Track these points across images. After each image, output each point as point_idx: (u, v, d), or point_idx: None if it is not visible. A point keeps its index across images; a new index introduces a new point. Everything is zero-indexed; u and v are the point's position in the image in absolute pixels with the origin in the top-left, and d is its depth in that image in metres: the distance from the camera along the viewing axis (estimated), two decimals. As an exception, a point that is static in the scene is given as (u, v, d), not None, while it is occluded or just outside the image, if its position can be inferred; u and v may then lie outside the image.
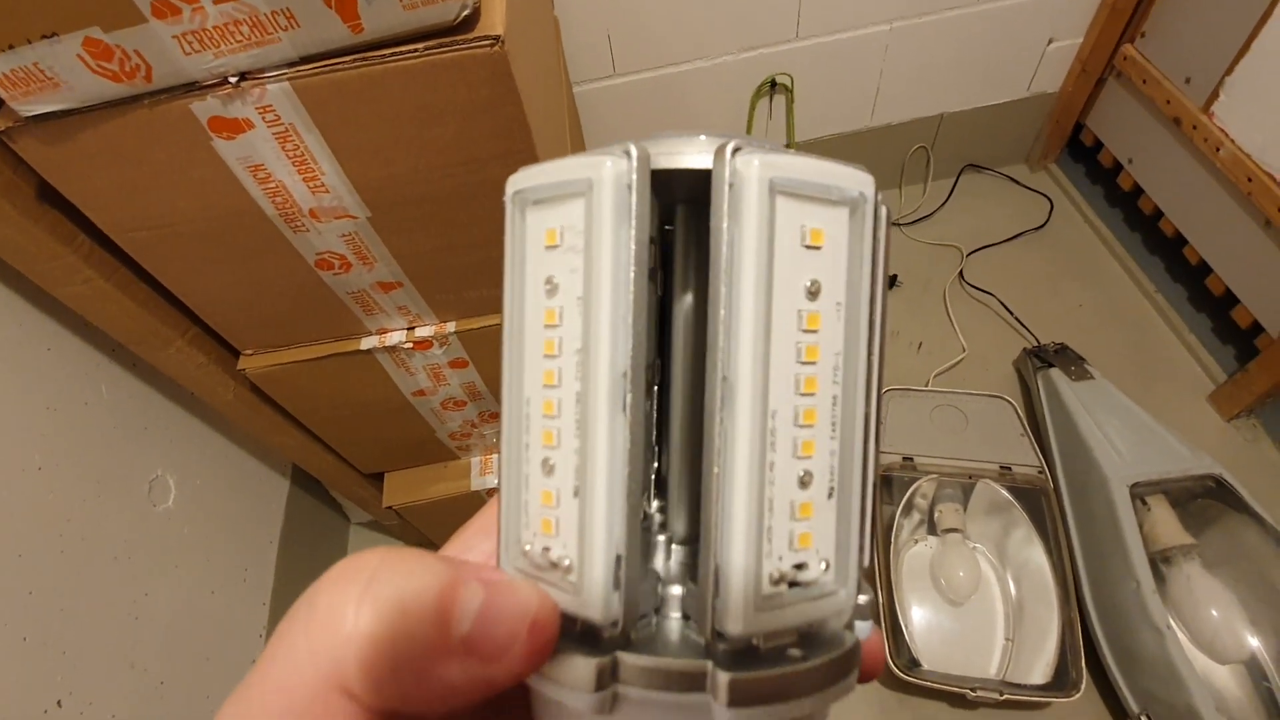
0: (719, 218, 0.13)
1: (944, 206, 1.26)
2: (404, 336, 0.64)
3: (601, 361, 0.13)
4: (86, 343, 0.64)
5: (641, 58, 0.98)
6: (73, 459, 0.60)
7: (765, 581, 0.13)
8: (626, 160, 0.13)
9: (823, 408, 0.13)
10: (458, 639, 0.12)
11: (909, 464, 0.87)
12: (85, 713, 0.56)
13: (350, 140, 0.46)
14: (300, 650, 0.13)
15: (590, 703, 0.13)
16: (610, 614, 0.13)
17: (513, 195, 0.14)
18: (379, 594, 0.13)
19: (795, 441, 0.13)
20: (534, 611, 0.13)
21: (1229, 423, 0.97)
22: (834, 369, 0.13)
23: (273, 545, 0.84)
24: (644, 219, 0.13)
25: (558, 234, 0.13)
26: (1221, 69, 0.89)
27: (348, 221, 0.52)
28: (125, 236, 0.51)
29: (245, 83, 0.41)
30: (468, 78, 0.43)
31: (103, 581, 0.61)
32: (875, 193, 0.14)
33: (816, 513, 0.13)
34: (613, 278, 0.13)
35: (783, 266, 0.13)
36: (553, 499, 0.14)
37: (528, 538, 0.14)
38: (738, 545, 0.13)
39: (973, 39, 1.06)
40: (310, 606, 0.13)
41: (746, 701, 0.12)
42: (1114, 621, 0.77)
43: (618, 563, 0.13)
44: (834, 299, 0.13)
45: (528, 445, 0.14)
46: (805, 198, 0.13)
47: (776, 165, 0.12)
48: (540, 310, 0.14)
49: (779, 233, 0.13)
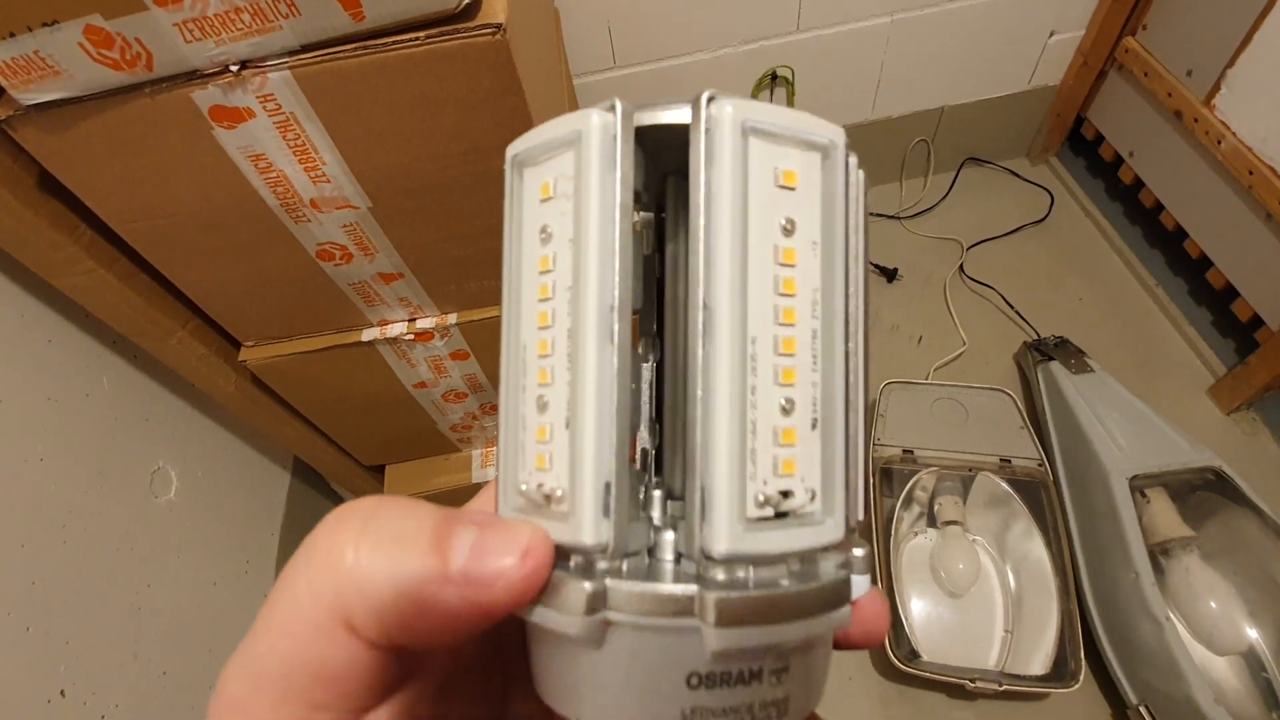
0: (696, 160, 0.13)
1: (944, 200, 1.25)
2: (405, 328, 0.64)
3: (590, 296, 0.13)
4: (88, 334, 0.63)
5: (642, 50, 0.98)
6: (74, 450, 0.61)
7: (750, 503, 0.13)
8: (612, 113, 0.14)
9: (802, 339, 0.14)
10: (455, 570, 0.13)
11: (909, 456, 0.87)
12: (88, 703, 0.57)
13: (351, 129, 0.46)
14: (302, 590, 0.13)
15: (583, 626, 0.13)
16: (600, 539, 0.13)
17: (511, 159, 0.15)
18: (377, 530, 0.13)
19: (776, 369, 0.14)
20: (526, 540, 0.13)
21: (1229, 416, 0.97)
22: (812, 304, 0.14)
23: (274, 538, 0.84)
24: (629, 166, 0.14)
25: (551, 186, 0.14)
26: (1223, 61, 0.89)
27: (349, 212, 0.52)
28: (126, 226, 0.51)
29: (246, 71, 0.41)
30: (469, 67, 0.43)
31: (105, 572, 0.61)
32: (846, 143, 0.15)
33: (800, 441, 0.14)
34: (600, 218, 0.13)
35: (758, 202, 0.14)
36: (546, 434, 0.14)
37: (524, 477, 0.14)
38: (721, 465, 0.13)
39: (974, 31, 1.05)
40: (309, 548, 0.13)
41: (733, 621, 0.12)
42: (1113, 613, 0.77)
43: (607, 489, 0.13)
44: (809, 238, 0.14)
45: (524, 388, 0.15)
46: (777, 139, 0.14)
47: (749, 109, 0.13)
48: (536, 258, 0.15)
49: (753, 170, 0.13)
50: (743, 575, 0.13)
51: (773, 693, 0.14)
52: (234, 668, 0.13)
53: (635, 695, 0.13)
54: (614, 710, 0.14)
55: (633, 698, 0.13)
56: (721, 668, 0.13)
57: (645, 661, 0.13)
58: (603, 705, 0.14)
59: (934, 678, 0.75)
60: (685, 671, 0.13)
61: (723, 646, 0.12)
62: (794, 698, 0.14)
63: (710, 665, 0.13)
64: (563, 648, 0.14)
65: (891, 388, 0.94)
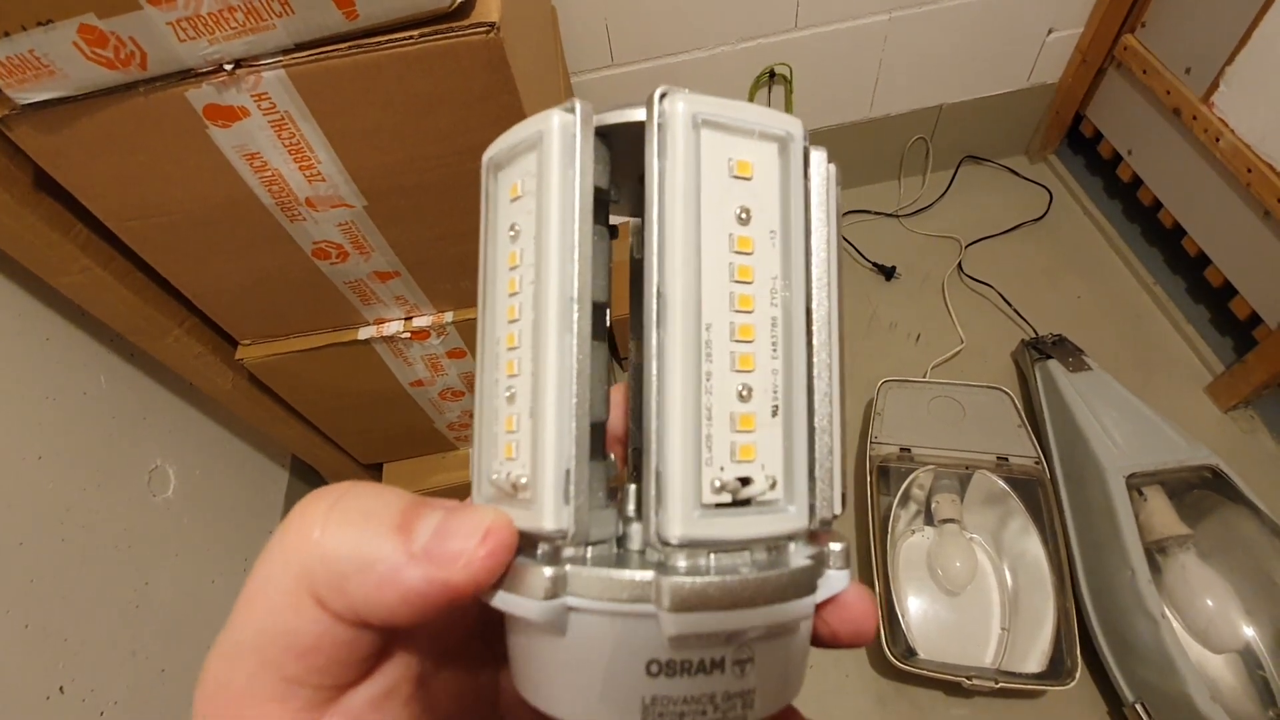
0: (650, 153, 0.14)
1: (943, 198, 1.25)
2: (401, 326, 0.64)
3: (551, 288, 0.14)
4: (85, 332, 0.64)
5: (639, 47, 0.98)
6: (72, 448, 0.61)
7: (706, 488, 0.13)
8: (571, 113, 0.14)
9: (761, 325, 0.14)
10: (418, 548, 0.13)
11: (906, 455, 0.87)
12: (87, 699, 0.57)
13: (346, 128, 0.46)
14: (275, 563, 0.13)
15: (542, 611, 0.13)
16: (560, 524, 0.13)
17: (487, 163, 0.16)
18: (345, 508, 0.14)
19: (733, 355, 0.14)
20: (487, 523, 0.14)
21: (1226, 414, 0.97)
22: (770, 292, 0.14)
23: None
24: (588, 163, 0.14)
25: (519, 185, 0.15)
26: (1222, 59, 0.89)
27: (344, 210, 0.52)
28: (122, 225, 0.51)
29: (240, 70, 0.41)
30: (463, 65, 0.43)
31: (103, 570, 0.61)
32: (804, 135, 0.15)
33: (759, 428, 0.14)
34: (560, 212, 0.14)
35: (711, 191, 0.14)
36: (514, 424, 0.14)
37: (495, 467, 0.15)
38: (675, 450, 0.13)
39: (972, 29, 1.05)
40: (283, 528, 0.14)
41: (688, 606, 0.12)
42: (1109, 611, 0.77)
43: (567, 476, 0.13)
44: (767, 227, 0.14)
45: (496, 381, 0.15)
46: (731, 130, 0.14)
47: (700, 103, 0.14)
48: (506, 255, 0.15)
49: (705, 160, 0.14)
50: (704, 562, 0.13)
51: (737, 684, 0.14)
52: (214, 650, 0.14)
53: (596, 682, 0.13)
54: (577, 698, 0.14)
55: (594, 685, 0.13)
56: (681, 655, 0.13)
57: (605, 648, 0.13)
58: (565, 693, 0.14)
59: (931, 675, 0.75)
60: (645, 659, 0.13)
61: (677, 631, 0.12)
62: (761, 691, 0.14)
63: (669, 652, 0.13)
64: (529, 636, 0.14)
65: (889, 386, 0.94)
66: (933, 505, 0.88)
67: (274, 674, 0.13)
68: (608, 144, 0.15)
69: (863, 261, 1.19)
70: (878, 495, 0.86)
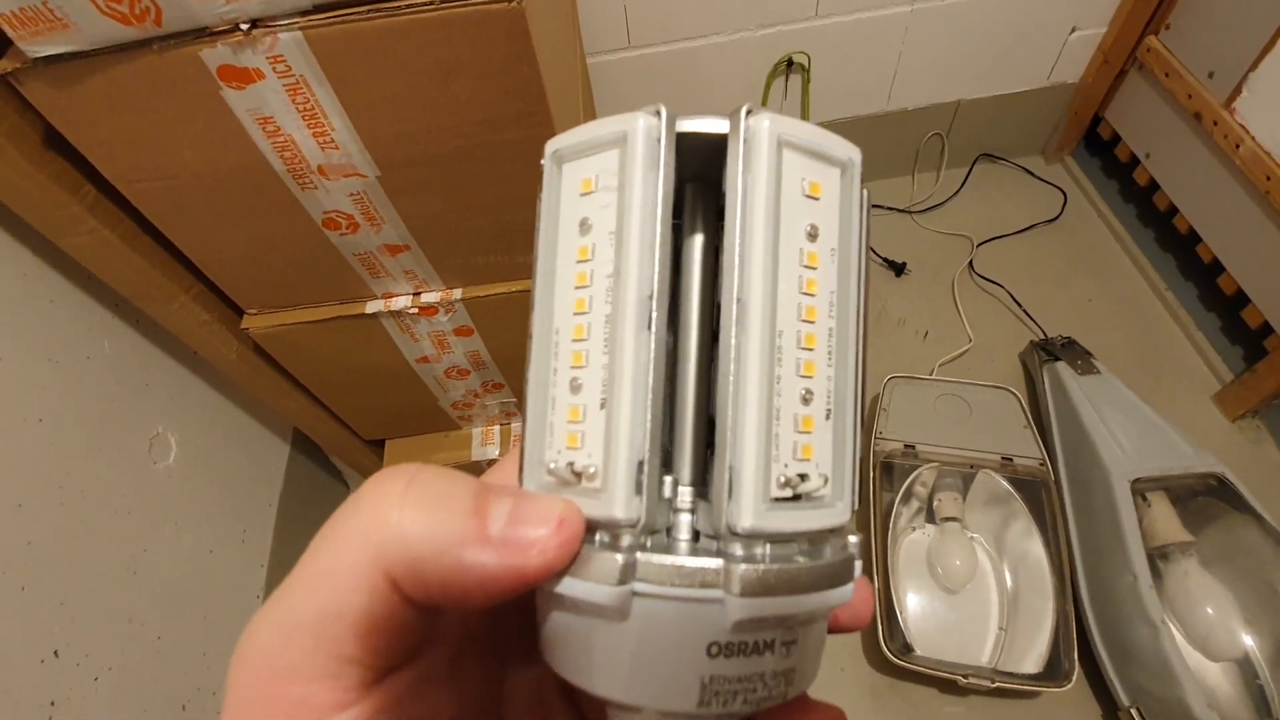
0: (735, 167, 0.15)
1: (956, 195, 1.24)
2: (409, 301, 0.64)
3: (630, 285, 0.14)
4: (90, 296, 0.63)
5: (657, 30, 0.96)
6: (74, 413, 0.60)
7: (773, 484, 0.14)
8: (657, 117, 0.15)
9: (821, 335, 0.15)
10: (494, 534, 0.13)
11: (910, 451, 0.87)
12: (81, 664, 0.57)
13: (362, 95, 0.45)
14: (348, 538, 0.14)
15: (614, 596, 0.14)
16: (631, 513, 0.14)
17: (551, 154, 0.16)
18: (420, 489, 0.14)
19: (798, 361, 0.15)
20: (560, 511, 0.14)
21: (1234, 423, 0.96)
22: (829, 304, 0.15)
23: (272, 509, 0.84)
24: (670, 167, 0.15)
25: (593, 181, 0.15)
26: (1246, 64, 0.87)
27: (357, 180, 0.51)
28: (131, 187, 0.50)
29: (256, 30, 0.41)
30: (484, 34, 0.42)
31: (102, 535, 0.61)
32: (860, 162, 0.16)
33: (816, 429, 0.15)
34: (642, 214, 0.15)
35: (788, 209, 0.15)
36: (580, 414, 0.15)
37: (551, 456, 0.15)
38: (749, 446, 0.14)
39: (994, 24, 1.04)
40: (356, 502, 0.14)
41: (756, 592, 0.13)
42: (1109, 615, 0.77)
43: (640, 467, 0.14)
44: (829, 245, 0.15)
45: (555, 370, 0.16)
46: (806, 154, 0.15)
47: (784, 124, 0.15)
48: (573, 248, 0.16)
49: (785, 180, 0.15)
50: (760, 552, 0.14)
51: (783, 663, 0.15)
52: (265, 617, 0.14)
53: (658, 664, 0.14)
54: (636, 679, 0.14)
55: (656, 667, 0.14)
56: (740, 638, 0.14)
57: (669, 632, 0.14)
58: (623, 675, 0.14)
59: (926, 672, 0.75)
60: (706, 641, 0.14)
61: (745, 616, 0.13)
62: (799, 670, 0.15)
63: (730, 635, 0.14)
64: (583, 620, 0.15)
65: (895, 382, 0.94)
66: (935, 503, 0.88)
67: (331, 652, 0.13)
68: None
69: (874, 256, 1.18)
70: (880, 491, 0.85)
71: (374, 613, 0.13)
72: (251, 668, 0.13)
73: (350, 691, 0.13)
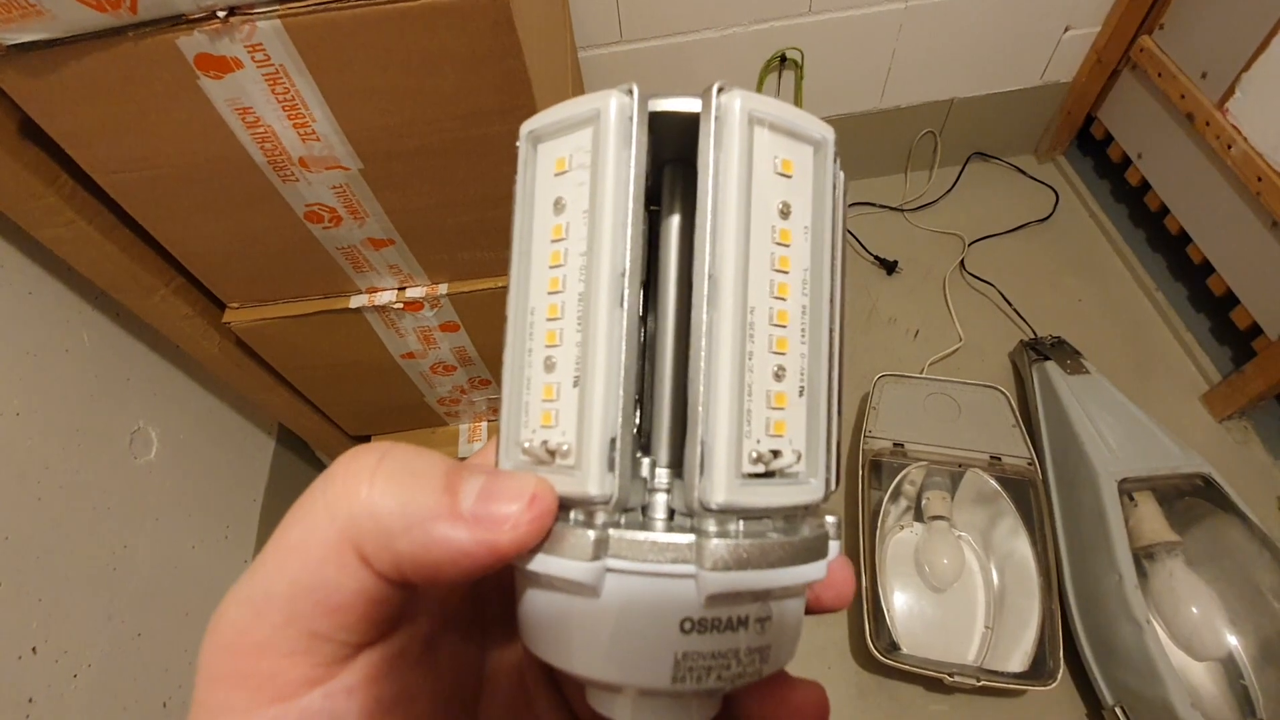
0: (706, 145, 0.15)
1: (949, 194, 1.24)
2: (394, 296, 0.63)
3: (603, 262, 0.14)
4: (69, 288, 0.62)
5: (650, 24, 0.96)
6: (52, 406, 0.59)
7: (745, 459, 0.14)
8: (629, 96, 0.15)
9: (793, 312, 0.15)
10: (465, 510, 0.13)
11: (899, 450, 0.87)
12: (60, 661, 0.56)
13: (343, 86, 0.44)
14: (318, 514, 0.13)
15: (587, 572, 0.14)
16: (604, 490, 0.14)
17: (526, 134, 0.16)
18: (392, 467, 0.14)
19: (771, 338, 0.15)
20: (532, 488, 0.14)
21: (1221, 423, 0.97)
22: (802, 282, 0.15)
23: (256, 504, 0.84)
24: (643, 144, 0.15)
25: (567, 160, 0.15)
26: (1239, 65, 0.87)
27: (339, 173, 0.50)
28: (108, 178, 0.49)
29: (234, 18, 0.40)
30: (468, 24, 0.42)
31: (81, 531, 0.60)
32: (834, 141, 0.16)
33: (789, 406, 0.15)
34: (614, 190, 0.14)
35: (760, 186, 0.15)
36: (553, 392, 0.15)
37: (526, 435, 0.15)
38: (721, 422, 0.14)
39: (988, 22, 1.03)
40: (327, 479, 0.14)
41: (727, 566, 0.13)
42: (1094, 614, 0.77)
43: (612, 444, 0.14)
44: (802, 222, 0.15)
45: (530, 350, 0.16)
46: (778, 132, 0.15)
47: (755, 101, 0.15)
48: (548, 227, 0.16)
49: (756, 157, 0.15)
50: (733, 528, 0.14)
51: (758, 640, 0.15)
52: (235, 594, 0.14)
53: (631, 641, 0.14)
54: (610, 657, 0.14)
55: (629, 644, 0.14)
56: (713, 613, 0.14)
57: (642, 608, 0.14)
58: (597, 653, 0.14)
59: (913, 670, 0.75)
60: (679, 617, 0.14)
61: (717, 590, 0.13)
62: (774, 647, 0.15)
63: (703, 611, 0.14)
64: (557, 598, 0.15)
65: (885, 380, 0.94)
66: (923, 502, 0.88)
67: (302, 628, 0.13)
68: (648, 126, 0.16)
69: (865, 254, 1.18)
70: (869, 489, 0.85)
71: (344, 588, 0.13)
72: (222, 643, 0.13)
73: (321, 667, 0.13)
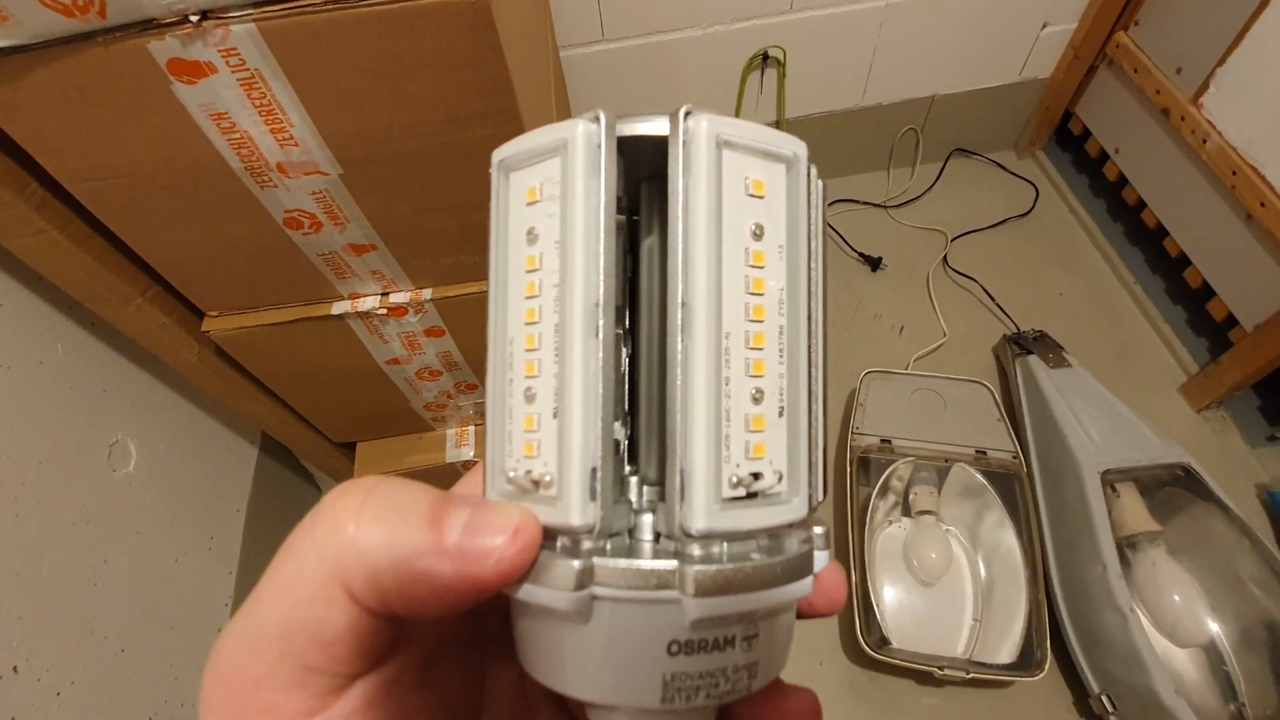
0: (675, 169, 0.14)
1: (931, 190, 1.25)
2: (377, 302, 0.62)
3: (576, 293, 0.14)
4: (41, 299, 0.61)
5: (632, 23, 0.95)
6: (27, 420, 0.58)
7: (725, 484, 0.14)
8: (596, 124, 0.15)
9: (770, 334, 0.15)
10: (450, 545, 0.14)
11: (886, 446, 0.87)
12: (43, 679, 0.55)
13: (321, 90, 0.43)
14: (307, 553, 0.14)
15: (571, 601, 0.14)
16: (587, 520, 0.14)
17: (498, 164, 0.16)
18: (377, 502, 0.14)
19: (747, 361, 0.15)
20: (516, 520, 0.14)
21: (1199, 413, 0.98)
22: (779, 302, 0.15)
23: (240, 514, 0.82)
24: (611, 173, 0.15)
25: (537, 190, 0.15)
26: (1213, 60, 0.89)
27: (318, 178, 0.50)
28: (79, 186, 0.48)
29: (207, 22, 0.39)
30: (447, 27, 0.41)
31: (60, 546, 0.59)
32: (807, 156, 0.16)
33: (769, 427, 0.15)
34: (585, 220, 0.14)
35: (731, 209, 0.15)
36: (534, 423, 0.15)
37: (510, 465, 0.15)
38: (699, 450, 0.14)
39: (968, 19, 1.04)
40: (315, 516, 0.14)
41: (710, 592, 0.14)
42: (1079, 604, 0.78)
43: (593, 474, 0.14)
44: (776, 242, 0.15)
45: (511, 380, 0.16)
46: (747, 151, 0.15)
47: (722, 124, 0.15)
48: (522, 258, 0.16)
49: (726, 180, 0.15)
50: (717, 550, 0.14)
51: (745, 658, 0.15)
52: (232, 631, 0.14)
53: (620, 664, 0.14)
54: (601, 680, 0.15)
55: (618, 667, 0.14)
56: (699, 635, 0.14)
57: (629, 632, 0.14)
58: (589, 676, 0.15)
59: (903, 664, 0.75)
60: (666, 640, 0.14)
61: (701, 615, 0.14)
62: (763, 662, 0.15)
63: (689, 633, 0.14)
64: (548, 624, 0.15)
65: (871, 377, 0.94)
66: (911, 497, 0.88)
67: (296, 662, 0.14)
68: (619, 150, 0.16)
69: (849, 251, 1.18)
70: (857, 485, 0.86)
71: (334, 623, 0.14)
72: (222, 678, 0.14)
73: (317, 698, 0.14)
